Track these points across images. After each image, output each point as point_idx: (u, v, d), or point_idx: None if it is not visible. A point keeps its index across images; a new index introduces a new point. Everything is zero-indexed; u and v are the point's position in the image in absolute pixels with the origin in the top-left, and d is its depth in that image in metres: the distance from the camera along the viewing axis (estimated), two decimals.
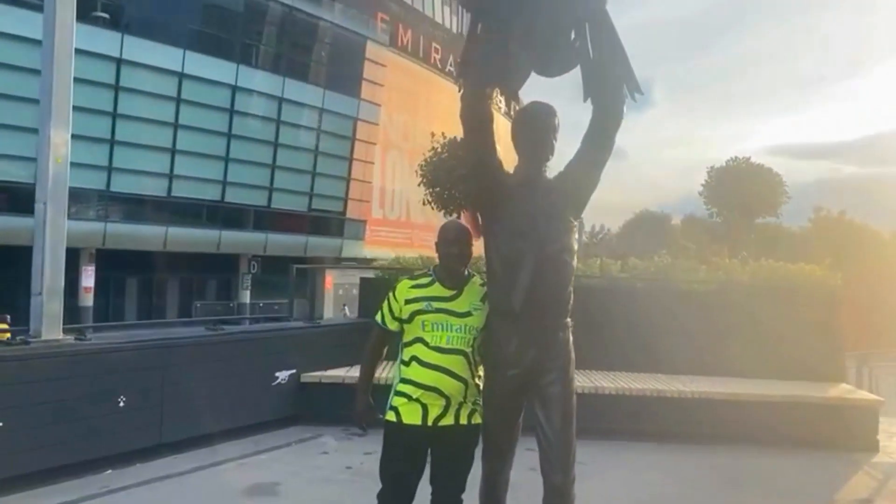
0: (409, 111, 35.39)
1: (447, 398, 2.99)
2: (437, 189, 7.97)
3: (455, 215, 7.81)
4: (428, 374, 2.98)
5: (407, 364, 3.04)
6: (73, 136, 4.91)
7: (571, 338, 3.10)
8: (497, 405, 3.07)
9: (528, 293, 2.94)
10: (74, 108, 4.93)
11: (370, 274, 9.93)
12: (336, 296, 26.08)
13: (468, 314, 3.04)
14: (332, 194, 31.02)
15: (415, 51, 36.15)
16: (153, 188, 25.26)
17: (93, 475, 4.81)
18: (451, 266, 3.10)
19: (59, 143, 4.73)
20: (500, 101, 3.26)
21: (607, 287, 7.95)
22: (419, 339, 3.02)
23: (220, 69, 26.15)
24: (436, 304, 3.03)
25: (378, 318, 3.15)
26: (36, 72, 5.39)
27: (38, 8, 5.55)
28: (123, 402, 5.02)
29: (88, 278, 24.80)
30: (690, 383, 6.74)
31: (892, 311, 16.19)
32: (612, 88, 3.00)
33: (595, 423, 5.02)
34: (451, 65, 38.94)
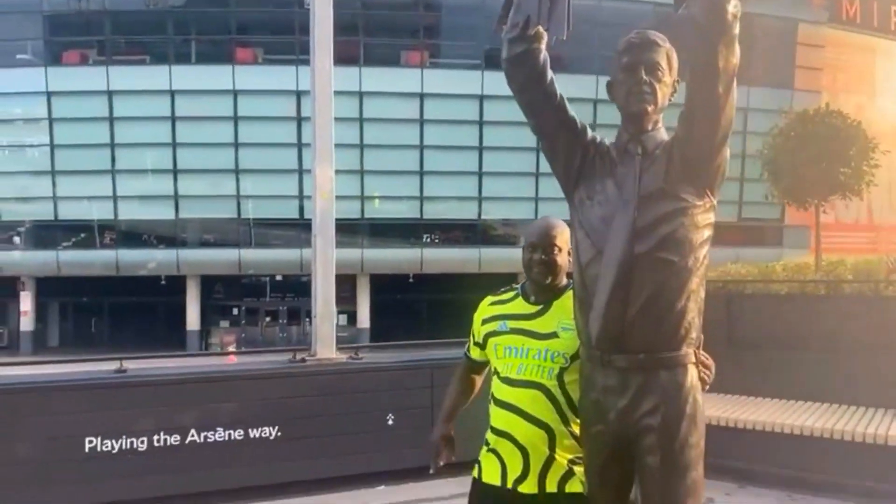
0: (863, 92, 29.83)
1: (523, 450, 2.23)
2: (784, 179, 6.34)
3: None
4: (499, 416, 2.30)
5: (490, 403, 2.40)
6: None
7: (691, 381, 2.01)
8: (593, 473, 2.16)
9: (607, 316, 2.00)
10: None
11: None
12: None
13: (552, 335, 2.25)
14: (765, 200, 27.91)
15: (866, 21, 30.40)
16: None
17: (366, 489, 5.10)
18: (533, 278, 2.35)
19: (325, 180, 5.22)
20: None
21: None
22: (495, 370, 2.37)
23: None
24: (511, 324, 2.33)
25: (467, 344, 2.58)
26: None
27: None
28: (392, 420, 5.20)
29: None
30: None
31: None
32: None
33: None
34: None
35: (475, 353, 2.50)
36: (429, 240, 26.53)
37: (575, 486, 2.23)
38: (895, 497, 4.71)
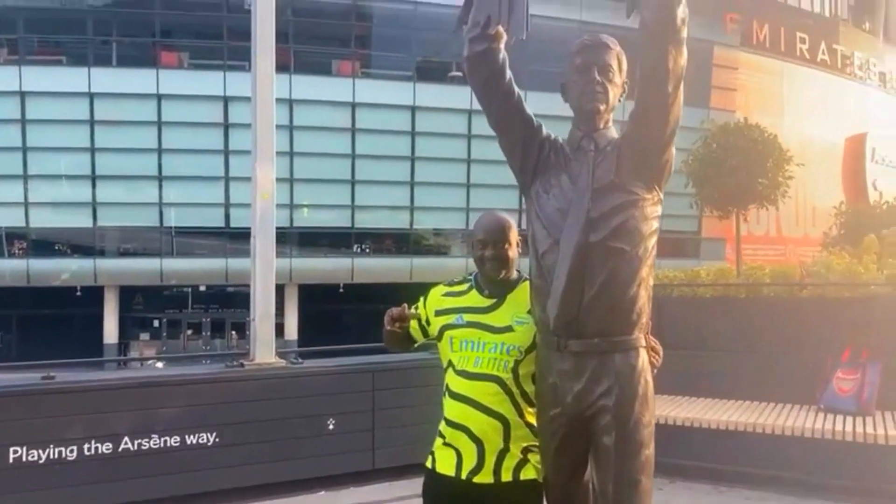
0: (773, 113, 31.62)
1: (478, 442, 2.26)
2: (707, 188, 6.72)
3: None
4: (454, 408, 2.31)
5: (444, 395, 2.42)
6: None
7: (642, 364, 2.12)
8: (548, 456, 2.24)
9: (564, 302, 2.09)
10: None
11: None
12: None
13: (507, 329, 2.29)
14: (683, 213, 29.15)
15: (774, 46, 32.31)
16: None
17: (306, 494, 5.04)
18: (486, 273, 2.38)
19: (266, 181, 5.17)
20: None
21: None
22: (449, 363, 2.38)
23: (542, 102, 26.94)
24: (468, 317, 2.35)
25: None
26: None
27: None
28: (333, 424, 5.16)
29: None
30: None
31: None
32: None
33: None
34: (823, 52, 33.96)
35: (413, 328, 2.46)
36: (360, 249, 26.37)
37: (530, 473, 2.29)
38: (811, 486, 5.00)
